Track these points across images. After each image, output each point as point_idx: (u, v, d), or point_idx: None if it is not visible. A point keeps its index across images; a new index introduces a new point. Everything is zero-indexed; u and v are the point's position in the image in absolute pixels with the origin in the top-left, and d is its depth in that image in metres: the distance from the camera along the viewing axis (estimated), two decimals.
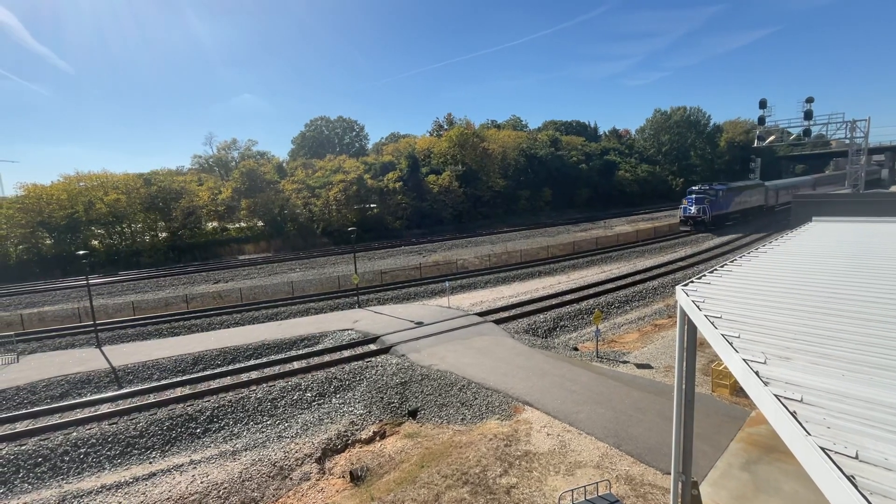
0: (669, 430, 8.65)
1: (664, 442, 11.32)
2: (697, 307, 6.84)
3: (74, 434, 14.88)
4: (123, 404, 16.56)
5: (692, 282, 8.48)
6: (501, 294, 30.51)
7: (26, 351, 23.10)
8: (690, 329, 7.85)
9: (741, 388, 13.36)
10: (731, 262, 10.11)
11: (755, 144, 54.97)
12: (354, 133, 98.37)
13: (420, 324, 23.41)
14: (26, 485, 13.40)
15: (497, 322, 23.58)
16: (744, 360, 4.86)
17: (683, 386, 7.87)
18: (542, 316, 25.00)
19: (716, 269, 9.37)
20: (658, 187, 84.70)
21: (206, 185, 57.91)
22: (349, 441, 15.00)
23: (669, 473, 9.16)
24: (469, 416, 14.57)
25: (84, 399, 17.33)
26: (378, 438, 14.99)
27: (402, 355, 19.27)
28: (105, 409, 16.30)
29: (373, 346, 20.97)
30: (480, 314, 25.01)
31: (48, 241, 46.46)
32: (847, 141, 50.37)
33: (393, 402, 16.54)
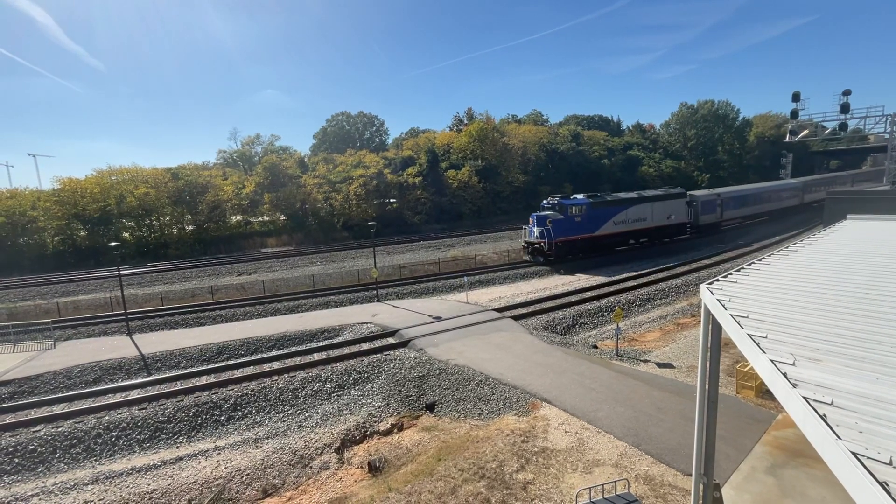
0: (691, 430, 8.49)
1: (685, 443, 11.12)
2: (723, 306, 6.67)
3: (107, 418, 15.54)
4: (152, 390, 17.20)
5: (717, 280, 8.27)
6: (520, 290, 30.32)
7: (62, 337, 24.17)
8: (715, 328, 7.66)
9: (767, 390, 13.00)
10: (760, 260, 9.81)
11: (787, 139, 52.83)
12: (375, 128, 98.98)
13: (438, 318, 23.51)
14: (62, 465, 14.08)
15: (515, 318, 23.49)
16: (771, 360, 4.72)
17: (706, 386, 7.70)
18: (561, 313, 24.77)
19: (743, 268, 9.11)
20: (683, 183, 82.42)
21: (231, 180, 59.23)
22: (368, 432, 15.24)
23: (690, 475, 9.00)
24: (486, 411, 14.59)
25: (116, 385, 18.08)
26: (396, 431, 15.17)
27: (421, 349, 19.40)
28: (135, 394, 16.96)
29: (391, 340, 21.17)
30: (499, 310, 24.95)
31: (82, 233, 48.38)
32: (886, 136, 48.06)
33: (411, 396, 16.69)
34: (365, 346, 20.63)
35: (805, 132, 50.08)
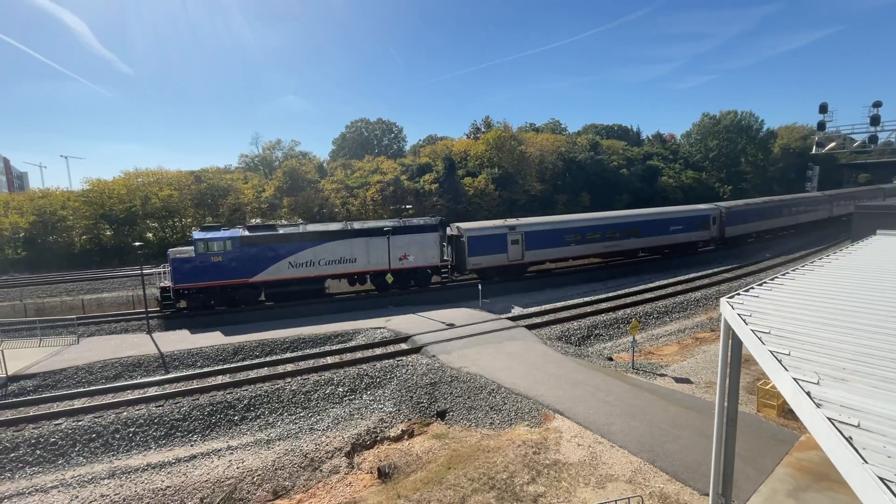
0: (709, 448, 8.25)
1: (703, 461, 10.80)
2: (743, 321, 6.50)
3: (125, 414, 15.88)
4: (170, 388, 17.52)
5: (738, 294, 8.08)
6: (534, 299, 30.07)
7: (86, 334, 24.83)
8: (735, 344, 7.46)
9: (790, 410, 12.58)
10: (783, 275, 9.55)
11: (813, 151, 51.47)
12: (393, 135, 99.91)
13: (451, 325, 23.45)
14: (81, 458, 14.42)
15: (529, 327, 23.27)
16: (794, 379, 4.57)
17: (725, 403, 7.49)
18: (575, 323, 24.46)
19: (765, 282, 8.88)
20: (704, 194, 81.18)
21: (251, 183, 60.42)
22: (378, 438, 15.22)
23: (707, 494, 8.74)
24: (498, 421, 14.44)
25: (135, 381, 18.47)
26: (406, 437, 15.12)
27: (433, 356, 19.35)
28: (153, 391, 17.29)
29: (404, 346, 21.18)
30: (513, 318, 24.77)
31: (108, 233, 49.90)
32: None
33: (422, 402, 16.63)
34: (378, 351, 20.68)
35: (832, 144, 48.69)
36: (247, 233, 27.65)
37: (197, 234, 27.09)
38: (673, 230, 41.32)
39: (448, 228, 33.74)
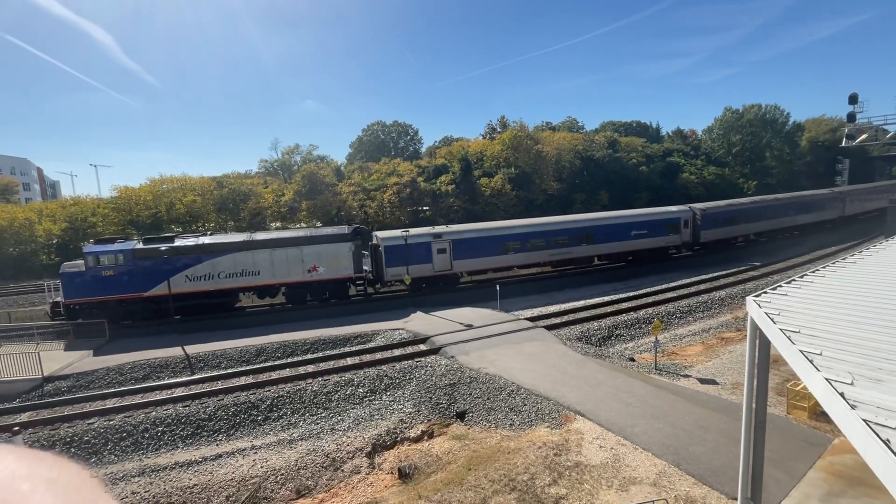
0: (736, 451, 8.04)
1: (730, 464, 10.52)
2: (771, 320, 6.32)
3: (154, 413, 16.35)
4: (195, 389, 17.97)
5: (765, 293, 7.85)
6: (553, 299, 29.81)
7: (115, 336, 25.64)
8: (763, 344, 7.26)
9: (822, 412, 12.15)
10: (813, 272, 9.24)
11: (843, 144, 49.59)
12: (409, 137, 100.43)
13: (470, 326, 23.42)
14: (112, 456, 14.92)
15: (548, 328, 23.07)
16: (826, 379, 4.42)
17: (753, 405, 7.29)
18: (595, 323, 24.14)
19: (794, 280, 8.61)
20: (727, 190, 79.28)
21: (271, 188, 61.54)
22: (398, 438, 15.31)
23: (736, 499, 8.51)
24: (518, 422, 14.36)
25: (162, 382, 19.03)
26: (426, 438, 15.16)
27: (452, 357, 19.36)
28: (180, 392, 17.77)
29: (423, 347, 21.24)
30: (531, 319, 24.59)
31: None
32: None
33: (441, 403, 16.66)
34: (397, 352, 20.80)
35: (864, 136, 46.82)
36: (140, 245, 26.86)
37: (87, 248, 26.43)
38: (635, 235, 37.50)
39: (374, 237, 32.25)
